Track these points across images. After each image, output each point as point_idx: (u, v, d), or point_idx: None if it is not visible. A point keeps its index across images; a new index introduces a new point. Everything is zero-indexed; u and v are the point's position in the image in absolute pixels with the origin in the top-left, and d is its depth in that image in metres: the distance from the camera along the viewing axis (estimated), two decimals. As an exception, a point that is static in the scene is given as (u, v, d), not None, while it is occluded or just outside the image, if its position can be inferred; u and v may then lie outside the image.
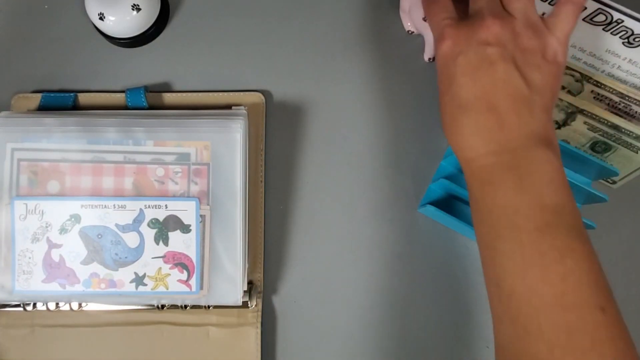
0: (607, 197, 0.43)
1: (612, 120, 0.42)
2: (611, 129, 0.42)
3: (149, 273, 0.43)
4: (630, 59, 0.43)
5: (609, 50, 0.43)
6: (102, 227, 0.43)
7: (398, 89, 0.49)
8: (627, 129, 0.41)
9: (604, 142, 0.44)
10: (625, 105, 0.43)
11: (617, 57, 0.43)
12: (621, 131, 0.42)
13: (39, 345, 0.45)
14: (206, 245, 0.43)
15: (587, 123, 0.43)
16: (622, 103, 0.43)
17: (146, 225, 0.43)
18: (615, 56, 0.43)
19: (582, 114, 0.42)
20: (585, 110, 0.42)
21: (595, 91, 0.43)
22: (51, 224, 0.43)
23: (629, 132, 0.42)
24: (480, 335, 0.46)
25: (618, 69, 0.44)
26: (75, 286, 0.43)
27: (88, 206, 0.43)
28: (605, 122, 0.42)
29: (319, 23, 0.51)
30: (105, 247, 0.43)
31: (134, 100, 0.48)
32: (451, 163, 0.46)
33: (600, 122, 0.42)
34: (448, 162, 0.46)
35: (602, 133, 0.43)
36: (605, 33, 0.42)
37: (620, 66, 0.43)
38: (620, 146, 0.43)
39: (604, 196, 0.43)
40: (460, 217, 0.44)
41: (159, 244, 0.43)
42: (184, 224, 0.43)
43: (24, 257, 0.43)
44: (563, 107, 0.43)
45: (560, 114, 0.44)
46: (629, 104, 0.43)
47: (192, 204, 0.43)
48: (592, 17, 0.41)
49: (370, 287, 0.47)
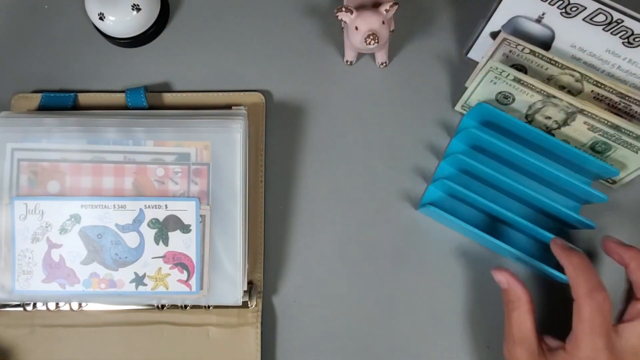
0: (606, 197, 0.43)
1: (612, 120, 0.42)
2: (611, 129, 0.42)
3: (149, 273, 0.43)
4: (630, 59, 0.43)
5: (609, 50, 0.43)
6: (102, 227, 0.43)
7: (398, 90, 0.50)
8: (627, 129, 0.41)
9: (604, 142, 0.44)
10: (626, 105, 0.43)
11: (617, 57, 0.43)
12: (621, 131, 0.42)
13: (39, 345, 0.45)
14: (206, 245, 0.43)
15: (587, 123, 0.43)
16: (622, 103, 0.43)
17: (146, 225, 0.43)
18: (615, 56, 0.43)
19: (582, 114, 0.42)
20: (585, 110, 0.42)
21: (595, 91, 0.43)
22: (51, 224, 0.43)
23: (629, 132, 0.42)
24: (480, 335, 0.46)
25: (618, 69, 0.44)
26: (75, 286, 0.43)
27: (88, 206, 0.43)
28: (605, 122, 0.42)
29: (319, 23, 0.51)
30: (105, 247, 0.43)
31: (134, 100, 0.48)
32: (450, 163, 0.46)
33: (600, 122, 0.42)
34: (447, 162, 0.46)
35: (602, 133, 0.43)
36: (605, 33, 0.41)
37: (620, 66, 0.43)
38: (620, 146, 0.43)
39: (604, 196, 0.43)
40: (460, 216, 0.44)
41: (159, 244, 0.43)
42: (184, 224, 0.43)
43: (24, 257, 0.43)
44: (563, 107, 0.43)
45: (560, 114, 0.44)
46: (629, 104, 0.43)
47: (192, 204, 0.43)
48: (592, 17, 0.41)
49: (370, 287, 0.47)
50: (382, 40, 0.44)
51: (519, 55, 0.43)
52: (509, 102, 0.45)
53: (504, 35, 0.43)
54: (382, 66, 0.50)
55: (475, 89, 0.45)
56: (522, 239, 0.47)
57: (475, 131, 0.44)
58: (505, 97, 0.45)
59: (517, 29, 0.44)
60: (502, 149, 0.44)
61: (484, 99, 0.46)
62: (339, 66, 0.50)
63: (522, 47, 0.42)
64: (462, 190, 0.44)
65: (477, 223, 0.46)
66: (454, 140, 0.47)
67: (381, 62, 0.49)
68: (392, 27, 0.49)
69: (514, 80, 0.42)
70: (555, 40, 0.44)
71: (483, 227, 0.45)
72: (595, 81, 0.42)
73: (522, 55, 0.43)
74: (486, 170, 0.44)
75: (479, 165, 0.44)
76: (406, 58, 0.50)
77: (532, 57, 0.43)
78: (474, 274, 0.47)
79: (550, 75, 0.44)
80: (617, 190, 0.48)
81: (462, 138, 0.47)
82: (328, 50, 0.50)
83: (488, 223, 0.47)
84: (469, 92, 0.46)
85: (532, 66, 0.44)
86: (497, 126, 0.46)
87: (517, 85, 0.43)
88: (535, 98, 0.43)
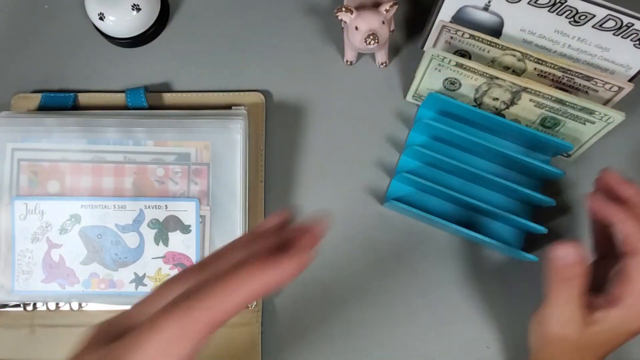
0: (562, 172, 0.44)
1: (555, 94, 0.42)
2: (556, 104, 0.43)
3: (149, 273, 0.43)
4: (579, 37, 0.43)
5: (557, 30, 0.43)
6: (102, 227, 0.43)
7: (392, 90, 0.50)
8: (571, 102, 0.42)
9: (552, 117, 0.45)
10: (569, 79, 0.44)
11: (566, 36, 0.43)
12: (565, 104, 0.43)
13: (39, 345, 0.45)
14: (206, 246, 0.43)
15: (532, 100, 0.44)
16: (565, 77, 0.44)
17: (146, 225, 0.43)
18: (564, 36, 0.43)
19: (526, 92, 0.43)
20: (528, 88, 0.43)
21: (538, 68, 0.44)
22: (51, 224, 0.43)
23: (572, 104, 0.43)
24: (480, 335, 0.46)
25: (569, 48, 0.44)
26: (75, 286, 0.43)
27: (88, 206, 0.43)
28: (549, 97, 0.43)
29: (319, 23, 0.51)
30: (105, 247, 0.43)
31: (134, 100, 0.48)
32: (409, 155, 0.47)
33: (544, 98, 0.43)
34: (406, 154, 0.47)
35: (549, 108, 0.44)
36: (551, 14, 0.42)
37: (571, 45, 0.44)
38: (568, 119, 0.44)
39: (560, 172, 0.44)
40: (428, 208, 0.44)
41: (159, 244, 0.43)
42: (184, 224, 0.43)
43: (24, 257, 0.43)
44: (507, 87, 0.43)
45: (506, 94, 0.44)
46: (572, 77, 0.44)
47: (193, 204, 0.43)
48: (536, 0, 0.41)
49: (370, 286, 0.47)
50: (382, 40, 0.44)
51: (460, 41, 0.44)
52: (456, 87, 0.46)
53: (443, 23, 0.43)
54: (382, 66, 0.50)
55: (422, 78, 0.46)
56: (492, 224, 0.47)
57: (429, 122, 0.44)
58: (452, 83, 0.45)
59: (466, 19, 0.45)
60: (459, 137, 0.44)
61: (433, 87, 0.46)
62: (339, 66, 0.50)
63: (462, 32, 0.43)
64: (422, 182, 0.44)
65: (446, 213, 0.46)
66: (412, 132, 0.48)
67: (381, 62, 0.49)
68: (392, 27, 0.49)
69: (457, 65, 0.43)
70: (505, 26, 0.45)
71: (452, 217, 0.45)
72: (536, 59, 0.43)
73: (463, 40, 0.44)
74: (444, 159, 0.44)
75: (437, 155, 0.44)
76: (406, 58, 0.50)
77: (473, 42, 0.44)
78: (473, 274, 0.47)
79: (493, 57, 0.45)
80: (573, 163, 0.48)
81: (419, 129, 0.47)
82: (328, 50, 0.50)
83: (457, 212, 0.47)
84: (416, 81, 0.46)
85: (475, 50, 0.45)
86: (452, 114, 0.46)
87: (461, 70, 0.44)
88: (480, 81, 0.44)
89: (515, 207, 0.47)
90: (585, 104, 0.42)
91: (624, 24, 0.41)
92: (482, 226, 0.47)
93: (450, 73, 0.44)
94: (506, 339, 0.46)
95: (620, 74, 0.45)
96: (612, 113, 0.42)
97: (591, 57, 0.44)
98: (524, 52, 0.43)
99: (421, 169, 0.47)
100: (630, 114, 0.43)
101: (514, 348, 0.46)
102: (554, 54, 0.45)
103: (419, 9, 0.51)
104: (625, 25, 0.41)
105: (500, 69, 0.44)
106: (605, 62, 0.44)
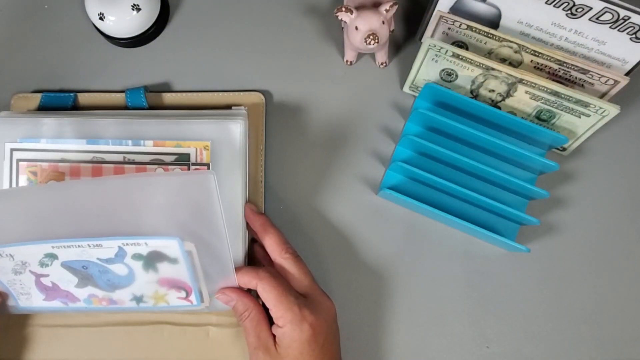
0: (557, 165, 0.44)
1: (550, 86, 0.43)
2: (552, 96, 0.43)
3: (147, 294, 0.41)
4: (575, 30, 0.43)
5: (554, 23, 0.43)
6: (85, 261, 0.39)
7: (390, 86, 0.50)
8: (566, 94, 0.43)
9: (548, 109, 0.45)
10: (565, 72, 0.44)
11: (563, 29, 0.44)
12: (561, 97, 0.43)
13: (39, 345, 0.45)
14: (198, 272, 0.41)
15: (528, 92, 0.44)
16: (561, 70, 0.44)
17: (130, 258, 0.39)
18: (561, 28, 0.44)
19: (522, 84, 0.43)
20: (524, 80, 0.43)
21: (534, 61, 0.44)
22: (27, 262, 0.39)
23: (568, 97, 0.43)
24: (480, 335, 0.46)
25: (566, 40, 0.45)
26: (77, 303, 0.42)
27: (60, 247, 0.38)
28: (544, 89, 0.43)
29: (319, 23, 0.51)
30: (95, 275, 0.40)
31: (133, 100, 0.48)
32: (404, 145, 0.47)
33: (540, 90, 0.43)
34: (401, 145, 0.47)
35: (544, 101, 0.44)
36: (548, 6, 0.42)
37: (568, 38, 0.44)
38: (564, 112, 0.44)
39: (555, 165, 0.44)
40: (422, 198, 0.44)
41: (149, 272, 0.40)
42: (170, 257, 0.39)
43: (14, 284, 0.41)
44: (503, 78, 0.44)
45: (502, 86, 0.44)
46: (568, 70, 0.44)
47: (174, 242, 0.38)
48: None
49: (370, 286, 0.47)
50: (382, 40, 0.44)
51: (457, 32, 0.44)
52: (453, 78, 0.46)
53: (440, 13, 0.44)
54: (382, 66, 0.50)
55: (419, 68, 0.46)
56: (486, 215, 0.47)
57: (425, 112, 0.44)
58: (448, 74, 0.46)
59: (465, 11, 0.45)
60: (455, 128, 0.45)
61: (430, 78, 0.46)
62: (339, 66, 0.50)
63: (459, 23, 0.43)
64: (416, 171, 0.44)
65: (440, 204, 0.45)
66: (408, 123, 0.48)
67: (381, 62, 0.49)
68: (392, 27, 0.49)
69: (453, 56, 0.43)
70: (503, 18, 0.45)
71: (446, 208, 0.45)
72: (532, 51, 0.43)
73: (460, 31, 0.44)
74: (440, 149, 0.44)
75: (432, 145, 0.44)
76: (405, 58, 0.50)
77: (471, 33, 0.44)
78: (474, 274, 0.47)
79: (490, 49, 0.45)
80: (568, 157, 0.48)
81: (414, 120, 0.47)
82: (328, 50, 0.50)
83: (451, 203, 0.47)
84: (413, 71, 0.47)
85: (472, 41, 0.45)
86: (449, 105, 0.46)
87: (457, 61, 0.44)
88: (476, 72, 0.44)
89: (509, 199, 0.47)
90: (581, 97, 0.42)
91: (620, 17, 0.41)
92: (476, 217, 0.47)
93: (447, 64, 0.44)
94: (506, 339, 0.46)
95: (617, 68, 0.45)
96: (608, 106, 0.42)
97: (588, 51, 0.45)
98: (521, 44, 0.43)
99: (416, 159, 0.47)
100: (626, 108, 0.43)
101: (514, 348, 0.46)
102: (550, 47, 0.45)
103: (417, 5, 0.51)
104: (622, 19, 0.41)
105: (497, 60, 0.44)
106: (602, 56, 0.45)
